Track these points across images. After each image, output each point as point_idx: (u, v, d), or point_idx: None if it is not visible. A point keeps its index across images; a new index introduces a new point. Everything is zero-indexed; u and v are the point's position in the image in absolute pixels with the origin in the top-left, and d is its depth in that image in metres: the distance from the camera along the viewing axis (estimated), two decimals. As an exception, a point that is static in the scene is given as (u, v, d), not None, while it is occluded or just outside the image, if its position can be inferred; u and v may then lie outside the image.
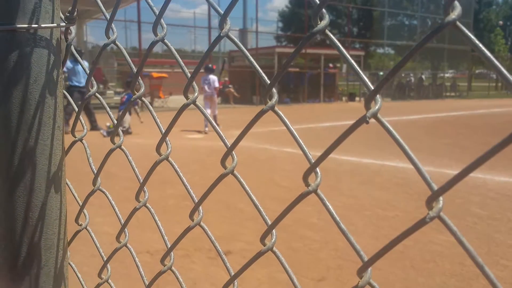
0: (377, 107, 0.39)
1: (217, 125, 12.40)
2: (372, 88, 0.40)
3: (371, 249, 3.64)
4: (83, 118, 0.82)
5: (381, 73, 34.35)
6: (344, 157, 7.77)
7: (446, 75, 40.17)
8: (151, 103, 21.11)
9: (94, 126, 11.12)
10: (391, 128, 0.39)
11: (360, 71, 0.43)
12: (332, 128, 12.51)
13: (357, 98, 28.47)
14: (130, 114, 11.15)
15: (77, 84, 10.89)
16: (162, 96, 22.41)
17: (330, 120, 14.76)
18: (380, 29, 36.84)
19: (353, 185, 5.90)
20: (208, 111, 11.93)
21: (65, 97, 0.76)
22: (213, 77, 12.55)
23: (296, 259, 3.43)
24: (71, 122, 0.76)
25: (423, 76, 35.52)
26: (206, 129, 11.88)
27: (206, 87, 12.40)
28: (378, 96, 0.40)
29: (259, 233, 0.64)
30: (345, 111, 19.63)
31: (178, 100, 21.38)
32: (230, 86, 24.56)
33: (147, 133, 10.81)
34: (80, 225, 0.78)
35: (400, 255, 3.52)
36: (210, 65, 13.31)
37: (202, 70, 14.78)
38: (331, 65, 28.62)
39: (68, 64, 10.58)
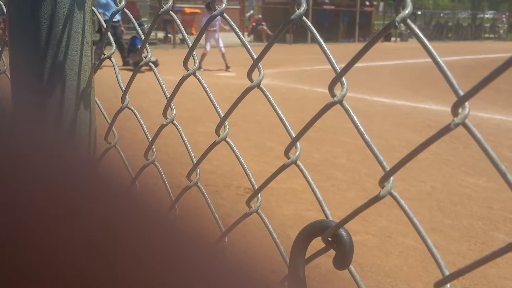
0: (407, 12, 0.38)
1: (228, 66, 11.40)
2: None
3: (397, 189, 3.65)
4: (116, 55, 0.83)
5: (419, 13, 33.16)
6: (376, 98, 7.65)
7: (486, 16, 38.55)
8: (183, 39, 21.01)
9: (125, 62, 11.15)
10: (420, 34, 0.37)
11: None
12: (364, 68, 12.22)
13: (393, 39, 27.56)
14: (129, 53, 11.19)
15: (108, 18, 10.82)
16: (194, 33, 22.15)
17: (363, 61, 14.37)
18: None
19: (384, 127, 5.83)
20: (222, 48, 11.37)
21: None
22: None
23: (323, 198, 3.47)
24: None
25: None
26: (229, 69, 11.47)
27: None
28: (408, 0, 0.38)
29: (288, 171, 0.64)
30: (380, 51, 19.06)
31: (210, 37, 21.16)
32: (263, 23, 24.12)
33: (177, 70, 10.74)
34: (110, 143, 0.80)
35: (427, 197, 3.52)
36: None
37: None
38: (367, 3, 27.60)
39: (102, 0, 10.43)
